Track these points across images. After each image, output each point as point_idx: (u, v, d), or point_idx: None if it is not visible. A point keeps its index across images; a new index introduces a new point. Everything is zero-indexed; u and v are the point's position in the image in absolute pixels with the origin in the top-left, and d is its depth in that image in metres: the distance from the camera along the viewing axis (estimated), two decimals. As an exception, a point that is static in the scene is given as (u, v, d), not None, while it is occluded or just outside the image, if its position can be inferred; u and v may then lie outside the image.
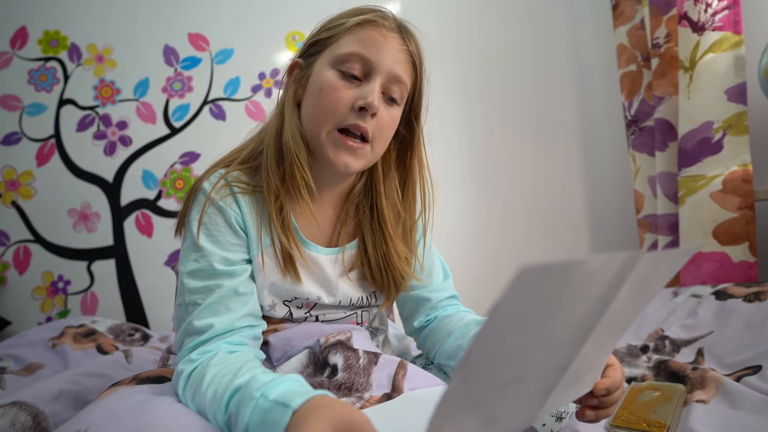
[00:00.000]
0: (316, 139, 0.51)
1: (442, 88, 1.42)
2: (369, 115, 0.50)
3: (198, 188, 0.53)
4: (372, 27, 0.50)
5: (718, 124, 1.00)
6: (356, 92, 0.50)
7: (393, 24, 0.52)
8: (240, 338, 0.47)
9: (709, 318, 0.81)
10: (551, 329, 0.28)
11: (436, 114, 0.60)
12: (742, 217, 0.97)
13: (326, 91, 0.49)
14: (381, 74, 0.50)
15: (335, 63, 0.50)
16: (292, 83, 0.55)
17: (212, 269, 0.48)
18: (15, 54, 1.40)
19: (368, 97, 0.49)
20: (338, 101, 0.49)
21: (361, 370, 0.48)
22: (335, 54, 0.50)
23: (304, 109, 0.53)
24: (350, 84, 0.50)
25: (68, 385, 0.62)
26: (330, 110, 0.49)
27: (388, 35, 0.51)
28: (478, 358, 0.25)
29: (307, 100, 0.52)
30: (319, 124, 0.50)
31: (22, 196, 1.36)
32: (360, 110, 0.50)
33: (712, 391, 0.61)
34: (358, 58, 0.50)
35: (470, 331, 0.56)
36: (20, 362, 0.86)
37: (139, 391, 0.45)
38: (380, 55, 0.50)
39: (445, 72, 1.45)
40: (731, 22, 0.99)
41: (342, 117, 0.50)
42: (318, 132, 0.50)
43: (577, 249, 1.47)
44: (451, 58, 1.46)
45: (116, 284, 1.36)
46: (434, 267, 0.66)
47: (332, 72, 0.50)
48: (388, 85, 0.52)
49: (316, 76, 0.51)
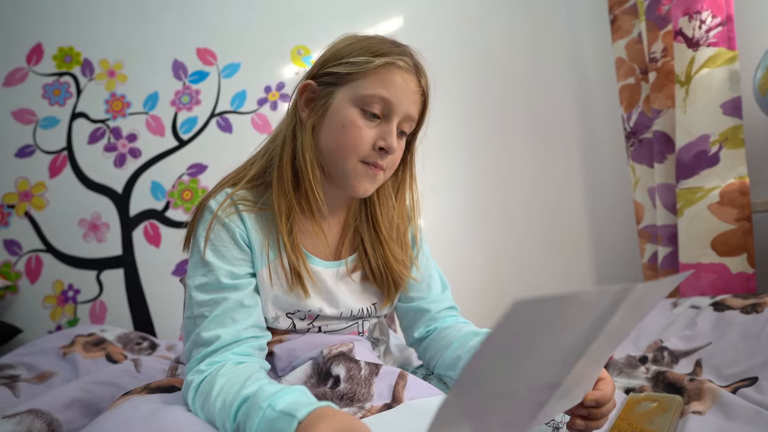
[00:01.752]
0: (339, 169, 0.55)
1: (442, 98, 1.45)
2: (388, 155, 0.55)
3: (205, 206, 0.55)
4: (395, 70, 0.53)
5: (714, 137, 1.02)
6: (377, 132, 0.54)
7: (411, 64, 0.55)
8: (246, 349, 0.50)
9: (707, 329, 0.82)
10: (544, 352, 0.29)
11: (435, 124, 0.63)
12: (740, 228, 0.98)
13: (350, 129, 0.53)
14: (398, 115, 0.55)
15: (358, 102, 0.53)
16: (304, 105, 0.57)
17: (218, 283, 0.51)
18: (30, 70, 1.44)
19: (388, 139, 0.54)
20: (360, 139, 0.53)
21: (362, 381, 0.50)
22: (359, 93, 0.53)
23: (322, 138, 0.55)
24: (371, 123, 0.54)
25: (80, 393, 0.64)
26: (353, 147, 0.53)
27: (408, 78, 0.54)
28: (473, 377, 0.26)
29: (327, 130, 0.55)
30: (343, 158, 0.54)
31: (35, 207, 1.40)
32: (380, 150, 0.54)
33: (708, 402, 0.62)
34: (380, 100, 0.53)
35: (468, 342, 0.58)
36: (32, 370, 0.88)
37: (150, 400, 0.47)
38: (400, 98, 0.54)
39: (445, 84, 1.47)
40: (725, 38, 1.01)
41: (364, 154, 0.54)
42: (342, 164, 0.54)
43: (578, 259, 1.48)
44: (451, 70, 1.49)
45: (124, 293, 1.39)
46: (432, 279, 0.69)
47: (355, 110, 0.53)
48: (402, 122, 0.56)
49: (339, 110, 0.54)
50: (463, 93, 1.50)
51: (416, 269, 0.65)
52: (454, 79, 1.49)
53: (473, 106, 1.50)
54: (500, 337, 0.24)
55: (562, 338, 0.29)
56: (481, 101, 1.50)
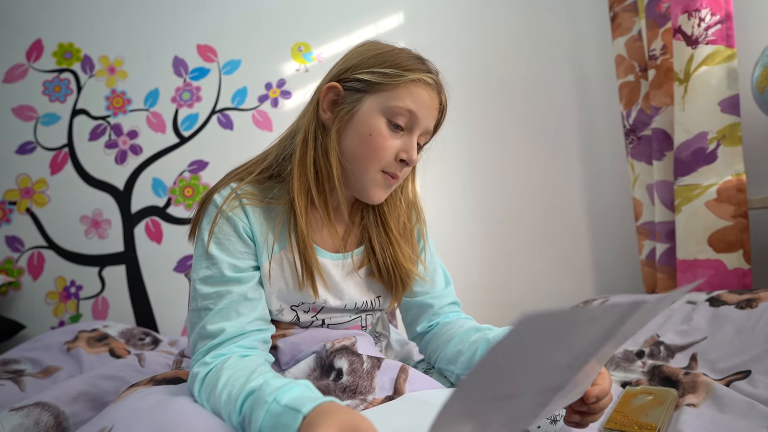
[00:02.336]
0: (359, 175, 0.56)
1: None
2: (409, 167, 0.58)
3: (209, 200, 0.56)
4: (423, 86, 0.56)
5: (712, 134, 1.03)
6: (400, 144, 0.56)
7: (436, 82, 0.58)
8: (250, 342, 0.51)
9: (703, 324, 0.84)
10: (550, 361, 0.30)
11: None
12: (737, 225, 1.00)
13: (376, 138, 0.55)
14: (420, 129, 0.57)
15: (387, 112, 0.55)
16: (326, 107, 0.57)
17: (222, 276, 0.52)
18: (31, 66, 1.44)
19: (410, 152, 0.56)
20: (385, 150, 0.55)
21: (364, 374, 0.51)
22: (389, 104, 0.55)
23: (345, 142, 0.56)
24: (395, 134, 0.56)
25: (86, 387, 0.65)
26: (377, 156, 0.55)
27: (432, 95, 0.57)
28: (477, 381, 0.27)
29: (352, 137, 0.56)
30: (365, 165, 0.56)
31: (36, 204, 1.41)
32: (401, 161, 0.56)
33: (702, 395, 0.64)
34: (408, 112, 0.55)
35: (470, 338, 0.59)
36: (38, 365, 0.89)
37: (157, 392, 0.48)
38: (424, 113, 0.56)
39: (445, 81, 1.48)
40: (724, 36, 1.01)
41: (386, 164, 0.56)
42: (364, 171, 0.56)
43: (576, 256, 1.49)
44: (450, 67, 1.48)
45: (126, 289, 1.40)
46: (437, 274, 0.70)
47: (382, 120, 0.55)
48: (421, 135, 0.58)
49: (367, 118, 0.55)
50: (462, 90, 1.50)
51: (422, 266, 0.66)
52: (452, 75, 1.48)
53: (472, 103, 1.51)
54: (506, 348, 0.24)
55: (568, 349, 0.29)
56: (480, 98, 1.51)
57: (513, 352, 0.25)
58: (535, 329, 0.24)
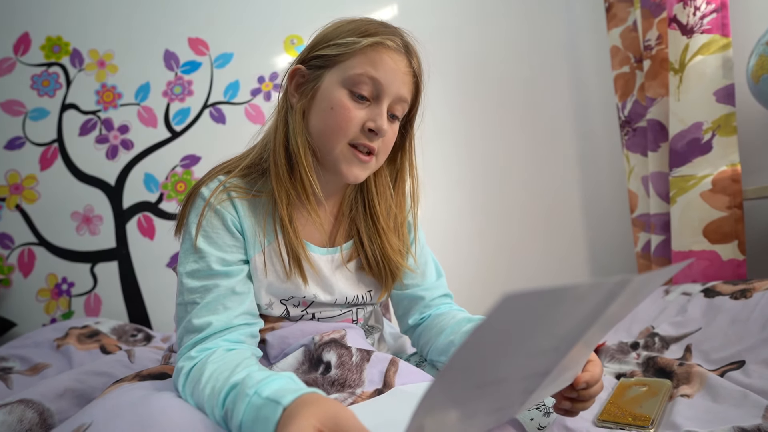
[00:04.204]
0: (328, 153, 0.54)
1: (438, 88, 1.44)
2: (378, 137, 0.54)
3: (197, 193, 0.55)
4: (382, 49, 0.52)
5: (707, 125, 1.02)
6: (366, 113, 0.53)
7: (400, 44, 0.54)
8: (237, 336, 0.50)
9: (697, 315, 0.83)
10: (535, 343, 0.29)
11: (431, 115, 0.63)
12: (731, 216, 0.99)
13: (338, 111, 0.52)
14: (388, 96, 0.54)
15: (346, 83, 0.53)
16: (294, 91, 0.56)
17: (210, 269, 0.51)
18: (18, 60, 1.42)
19: (377, 120, 0.53)
20: (350, 121, 0.52)
21: (353, 367, 0.50)
22: (347, 74, 0.52)
23: (312, 121, 0.55)
24: (360, 105, 0.53)
25: (73, 383, 0.64)
26: (342, 128, 0.53)
27: (397, 58, 0.53)
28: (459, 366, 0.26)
29: (317, 114, 0.54)
30: (332, 140, 0.53)
31: (26, 200, 1.39)
32: (369, 131, 0.53)
33: (696, 385, 0.63)
34: (369, 80, 0.52)
35: (461, 328, 0.59)
36: (26, 362, 0.88)
37: (140, 387, 0.47)
38: (389, 79, 0.53)
39: (441, 73, 1.47)
40: (719, 25, 1.00)
41: (354, 136, 0.53)
42: (331, 147, 0.54)
43: (572, 248, 1.49)
44: (447, 59, 1.48)
45: (119, 286, 1.39)
46: (428, 266, 0.69)
47: (343, 92, 0.53)
48: (393, 104, 0.55)
49: (327, 92, 0.53)
50: (458, 82, 1.49)
51: (412, 258, 0.65)
52: (448, 68, 1.48)
53: (468, 96, 1.49)
54: (489, 330, 0.23)
55: (554, 330, 0.28)
56: (475, 91, 1.50)
57: (496, 334, 0.24)
58: (518, 310, 0.23)
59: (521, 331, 0.26)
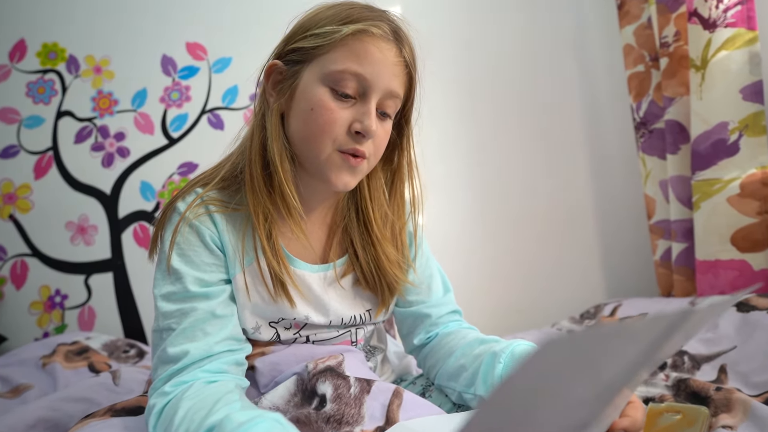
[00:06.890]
0: (313, 160, 0.48)
1: (442, 90, 1.39)
2: (366, 139, 0.47)
3: (173, 207, 0.49)
4: (367, 38, 0.46)
5: (733, 124, 0.95)
6: (352, 113, 0.47)
7: (388, 30, 0.47)
8: (219, 365, 0.44)
9: (731, 332, 0.76)
10: (574, 393, 0.24)
11: (435, 118, 0.57)
12: (763, 222, 0.92)
13: (319, 112, 0.46)
14: (377, 93, 0.47)
15: (327, 80, 0.46)
16: (271, 89, 0.50)
17: (186, 291, 0.45)
18: (13, 67, 1.39)
19: (365, 120, 0.46)
20: (333, 123, 0.46)
21: (352, 401, 0.44)
22: (327, 70, 0.46)
23: (292, 125, 0.49)
24: (344, 104, 0.47)
25: (47, 413, 0.59)
26: (326, 132, 0.46)
27: (384, 47, 0.46)
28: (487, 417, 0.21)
29: (296, 116, 0.48)
30: (316, 146, 0.47)
31: (20, 210, 1.35)
32: (356, 134, 0.47)
33: (739, 415, 0.56)
34: (353, 76, 0.46)
35: (473, 350, 0.52)
36: (7, 383, 0.83)
37: (110, 426, 0.42)
38: (376, 71, 0.46)
39: (445, 75, 1.41)
40: (744, 18, 0.94)
41: (340, 140, 0.47)
42: (316, 154, 0.47)
43: (585, 257, 1.42)
44: (452, 60, 1.43)
45: (114, 298, 1.34)
46: (434, 280, 0.63)
47: (324, 90, 0.46)
48: (383, 101, 0.48)
49: (306, 92, 0.47)
50: (463, 83, 1.44)
51: (413, 272, 0.59)
52: (453, 68, 1.43)
53: (473, 97, 1.44)
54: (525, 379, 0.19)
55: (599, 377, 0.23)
56: (481, 91, 1.44)
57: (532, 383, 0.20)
58: (560, 357, 0.19)
59: (562, 379, 0.21)
